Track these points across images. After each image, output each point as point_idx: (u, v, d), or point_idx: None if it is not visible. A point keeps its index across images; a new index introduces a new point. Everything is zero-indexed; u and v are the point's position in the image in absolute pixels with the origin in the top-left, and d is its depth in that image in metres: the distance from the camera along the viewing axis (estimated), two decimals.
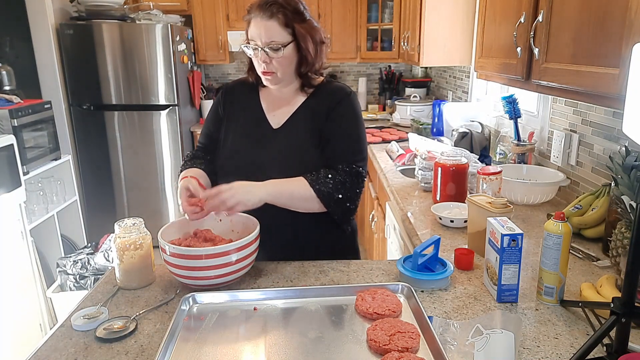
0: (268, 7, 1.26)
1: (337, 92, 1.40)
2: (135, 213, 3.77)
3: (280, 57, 1.30)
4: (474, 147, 2.55)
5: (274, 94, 1.45)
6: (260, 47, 1.29)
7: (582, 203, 1.56)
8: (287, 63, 1.32)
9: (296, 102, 1.42)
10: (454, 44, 3.08)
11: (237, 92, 1.50)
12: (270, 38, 1.27)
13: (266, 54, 1.29)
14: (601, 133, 1.71)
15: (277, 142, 1.39)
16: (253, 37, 1.30)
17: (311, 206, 1.31)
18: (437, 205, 1.74)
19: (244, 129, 1.44)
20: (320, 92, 1.41)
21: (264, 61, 1.30)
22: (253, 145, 1.41)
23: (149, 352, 0.98)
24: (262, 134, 1.41)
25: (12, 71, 3.13)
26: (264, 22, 1.27)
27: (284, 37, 1.29)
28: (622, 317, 0.89)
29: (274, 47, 1.28)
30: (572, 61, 1.26)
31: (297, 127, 1.39)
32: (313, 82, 1.40)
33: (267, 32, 1.27)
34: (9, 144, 2.55)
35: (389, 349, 0.93)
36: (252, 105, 1.46)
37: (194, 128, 4.13)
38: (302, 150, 1.37)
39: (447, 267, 1.23)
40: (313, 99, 1.41)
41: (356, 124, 1.40)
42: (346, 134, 1.38)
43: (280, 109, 1.43)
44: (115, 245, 1.22)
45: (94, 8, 3.61)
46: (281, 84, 1.38)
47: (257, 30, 1.28)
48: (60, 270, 2.73)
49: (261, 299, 1.15)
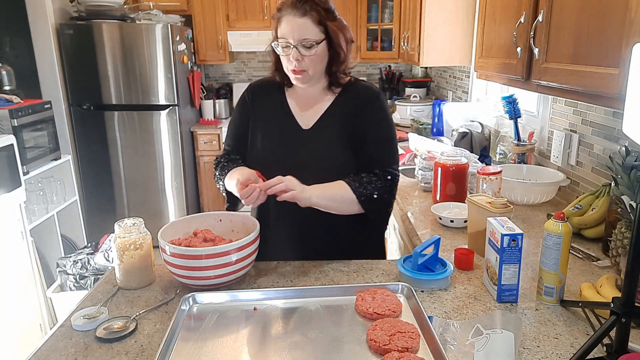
0: (301, 4, 1.26)
1: (366, 92, 1.41)
2: (135, 213, 3.77)
3: (313, 54, 1.29)
4: (474, 147, 2.55)
5: (301, 94, 1.43)
6: (293, 44, 1.27)
7: (582, 203, 1.56)
8: (318, 61, 1.32)
9: (325, 102, 1.41)
10: (454, 44, 3.08)
11: (263, 91, 1.47)
12: (303, 35, 1.27)
13: (298, 52, 1.28)
14: (601, 133, 1.71)
15: (308, 143, 1.38)
16: (284, 34, 1.28)
17: (352, 209, 1.33)
18: (437, 205, 1.74)
19: (273, 130, 1.42)
20: (349, 91, 1.41)
21: (296, 59, 1.29)
22: (283, 146, 1.40)
23: (149, 352, 0.98)
24: (292, 135, 1.40)
25: (12, 71, 3.13)
26: (297, 20, 1.26)
27: (317, 35, 1.28)
28: (622, 317, 0.89)
29: (307, 44, 1.27)
30: (572, 61, 1.26)
31: (328, 128, 1.38)
32: (341, 81, 1.40)
33: (300, 29, 1.26)
34: (9, 144, 2.55)
35: (389, 349, 0.93)
36: (279, 105, 1.44)
37: (194, 128, 4.13)
38: (333, 151, 1.37)
39: (447, 267, 1.23)
40: (342, 98, 1.40)
41: (389, 126, 1.41)
42: (381, 138, 1.39)
43: (309, 109, 1.41)
44: (115, 245, 1.22)
45: (94, 8, 3.61)
46: (309, 83, 1.37)
47: (290, 28, 1.27)
48: (60, 270, 2.73)
49: (261, 299, 1.15)
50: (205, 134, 4.11)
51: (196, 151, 4.15)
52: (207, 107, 4.39)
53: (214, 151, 4.11)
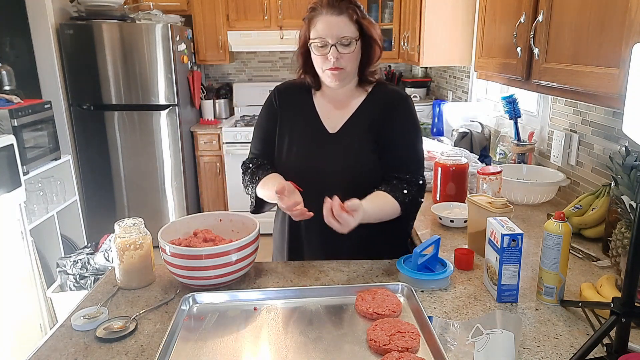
0: (338, 3, 1.28)
1: (394, 96, 1.42)
2: (135, 213, 3.77)
3: (351, 52, 1.30)
4: (474, 147, 2.55)
5: (328, 97, 1.43)
6: (331, 43, 1.28)
7: (582, 203, 1.56)
8: (354, 58, 1.33)
9: (352, 106, 1.41)
10: (454, 44, 3.08)
11: (290, 93, 1.47)
12: (342, 34, 1.28)
13: (337, 50, 1.29)
14: (601, 133, 1.71)
15: (335, 146, 1.38)
16: (321, 34, 1.29)
17: (394, 215, 1.34)
18: (437, 205, 1.74)
19: (299, 133, 1.42)
20: (376, 95, 1.42)
21: (335, 57, 1.29)
22: (310, 150, 1.40)
23: (149, 352, 0.98)
24: (318, 138, 1.40)
25: (12, 71, 3.12)
26: (334, 18, 1.28)
27: (354, 32, 1.30)
28: (622, 317, 0.89)
29: (345, 42, 1.29)
30: (572, 61, 1.26)
31: (354, 132, 1.38)
32: (371, 79, 1.41)
33: (339, 27, 1.28)
34: (9, 144, 2.55)
35: (389, 349, 0.93)
36: (306, 108, 1.44)
37: (194, 128, 4.13)
38: (360, 155, 1.37)
39: (447, 267, 1.23)
40: (369, 102, 1.41)
41: (417, 132, 1.42)
42: (409, 145, 1.40)
43: (336, 112, 1.41)
44: (115, 245, 1.22)
45: (94, 8, 3.61)
46: (343, 82, 1.37)
47: (328, 26, 1.28)
48: (60, 270, 2.73)
49: (261, 299, 1.15)
50: (205, 134, 4.11)
51: (196, 151, 4.15)
52: (207, 107, 4.38)
53: (214, 151, 4.11)
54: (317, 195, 1.24)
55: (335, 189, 1.26)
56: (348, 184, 1.33)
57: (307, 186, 1.32)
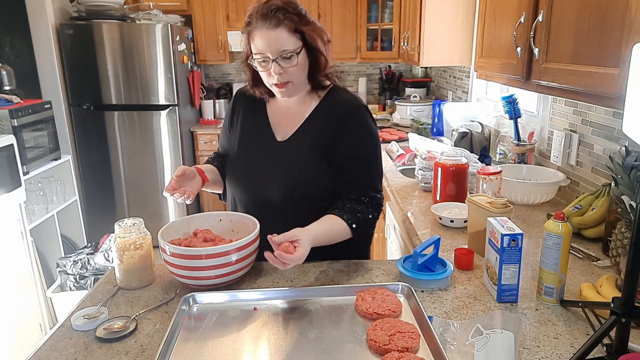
0: (273, 14, 1.19)
1: (346, 105, 1.33)
2: (135, 213, 3.77)
3: (294, 65, 1.23)
4: (474, 147, 2.55)
5: (281, 104, 1.39)
6: (272, 58, 1.21)
7: (582, 203, 1.56)
8: (300, 70, 1.26)
9: (303, 114, 1.35)
10: (454, 44, 3.08)
11: (247, 98, 1.44)
12: (281, 47, 1.20)
13: (279, 65, 1.22)
14: (601, 133, 1.71)
15: (281, 155, 1.34)
16: (260, 49, 1.22)
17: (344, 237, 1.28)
18: (437, 205, 1.74)
19: (248, 139, 1.40)
20: (328, 103, 1.35)
21: (278, 73, 1.23)
22: (255, 157, 1.37)
23: (149, 352, 0.98)
24: (265, 146, 1.36)
25: (12, 71, 3.13)
26: (271, 32, 1.19)
27: (295, 44, 1.22)
28: (622, 317, 0.89)
29: (286, 55, 1.21)
30: (572, 61, 1.26)
31: (303, 141, 1.33)
32: (324, 84, 1.35)
33: (277, 42, 1.20)
34: (9, 144, 2.55)
35: (389, 349, 0.93)
36: (258, 113, 1.41)
37: (194, 128, 4.13)
38: (306, 165, 1.32)
39: (447, 267, 1.23)
40: (320, 111, 1.35)
41: (371, 145, 1.34)
42: (361, 161, 1.33)
43: (287, 121, 1.37)
44: (115, 245, 1.22)
45: (94, 8, 3.61)
46: (294, 93, 1.32)
47: (266, 42, 1.20)
48: (60, 270, 2.73)
49: (261, 299, 1.15)
50: (205, 134, 4.11)
51: (196, 151, 4.15)
52: (207, 107, 4.39)
53: (214, 151, 4.11)
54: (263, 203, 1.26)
55: (279, 198, 1.26)
56: (292, 192, 1.30)
57: (251, 193, 1.33)
